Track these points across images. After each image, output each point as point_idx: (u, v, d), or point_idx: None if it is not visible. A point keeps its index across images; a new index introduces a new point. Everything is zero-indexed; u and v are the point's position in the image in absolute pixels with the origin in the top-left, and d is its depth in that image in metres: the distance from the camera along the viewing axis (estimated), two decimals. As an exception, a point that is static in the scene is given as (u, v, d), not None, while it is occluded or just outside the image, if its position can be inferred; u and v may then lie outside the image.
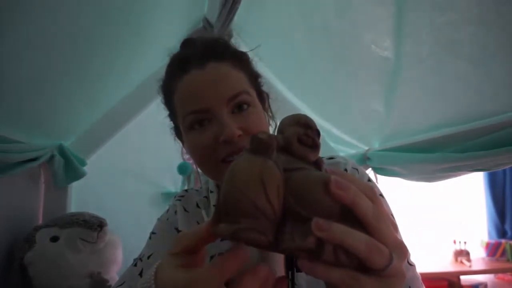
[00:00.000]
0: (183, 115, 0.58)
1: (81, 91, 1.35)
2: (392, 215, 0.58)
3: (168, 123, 0.72)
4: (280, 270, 0.33)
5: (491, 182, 3.07)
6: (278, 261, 0.39)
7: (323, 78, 1.55)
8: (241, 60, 0.62)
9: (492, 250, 2.81)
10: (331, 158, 0.65)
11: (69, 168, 1.48)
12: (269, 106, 0.70)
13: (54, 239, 1.29)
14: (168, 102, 0.65)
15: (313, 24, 1.35)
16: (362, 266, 0.26)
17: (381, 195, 0.59)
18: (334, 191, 0.26)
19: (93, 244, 1.30)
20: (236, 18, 1.41)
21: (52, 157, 1.42)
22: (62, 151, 1.46)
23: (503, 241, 2.82)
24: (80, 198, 1.61)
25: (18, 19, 0.90)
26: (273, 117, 0.72)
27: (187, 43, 0.67)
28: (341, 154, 1.81)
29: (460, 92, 1.09)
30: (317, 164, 0.31)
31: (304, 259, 0.26)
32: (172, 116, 0.66)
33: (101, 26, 1.17)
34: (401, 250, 0.29)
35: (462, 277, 2.48)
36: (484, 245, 2.87)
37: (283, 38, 1.50)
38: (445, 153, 1.17)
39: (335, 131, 1.73)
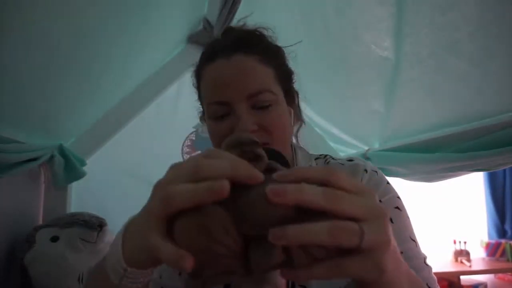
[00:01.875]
0: (206, 103, 0.59)
1: (81, 91, 1.35)
2: (408, 217, 0.58)
3: (168, 123, 0.73)
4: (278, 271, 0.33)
5: (491, 182, 3.07)
6: None
7: (323, 78, 1.55)
8: (273, 55, 0.61)
9: (492, 250, 2.81)
10: (350, 160, 0.64)
11: (69, 168, 1.48)
12: (299, 104, 0.69)
13: (54, 239, 1.29)
14: (197, 86, 0.66)
15: (313, 24, 1.35)
16: (341, 250, 0.26)
17: (398, 197, 0.59)
18: (273, 201, 0.26)
19: (93, 244, 1.30)
20: (236, 18, 1.41)
21: (52, 157, 1.42)
22: (62, 151, 1.46)
23: (503, 241, 2.82)
24: (80, 198, 1.61)
25: (19, 19, 0.90)
26: (301, 116, 0.71)
27: (225, 31, 0.67)
28: (341, 154, 1.81)
29: (460, 92, 1.09)
30: (271, 170, 0.31)
31: (282, 270, 0.27)
32: (200, 100, 0.66)
33: (101, 26, 1.17)
34: (377, 215, 0.28)
35: (462, 277, 2.48)
36: (484, 245, 2.87)
37: (283, 38, 1.50)
38: (445, 153, 1.17)
39: (335, 131, 1.73)
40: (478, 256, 2.80)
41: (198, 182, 0.28)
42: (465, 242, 2.69)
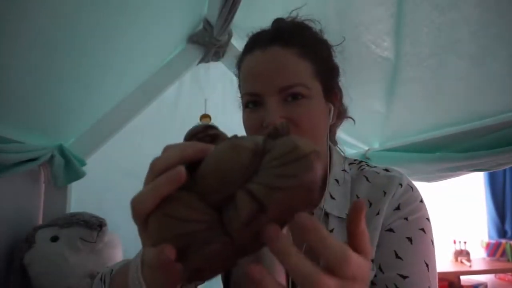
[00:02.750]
0: (242, 93, 0.60)
1: (81, 91, 1.34)
2: (432, 241, 0.57)
3: (168, 123, 0.73)
4: (278, 268, 0.32)
5: (491, 182, 3.07)
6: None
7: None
8: (313, 49, 0.59)
9: (492, 250, 2.81)
10: (386, 170, 0.63)
11: (69, 168, 1.47)
12: (341, 101, 0.69)
13: (54, 239, 1.29)
14: (238, 76, 0.66)
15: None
16: None
17: (427, 219, 0.58)
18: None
19: (93, 244, 1.30)
20: (236, 17, 1.41)
21: (52, 157, 1.42)
22: (62, 151, 1.46)
23: (503, 241, 2.82)
24: (80, 198, 1.61)
25: (18, 19, 0.90)
26: (344, 113, 0.71)
27: (273, 22, 0.67)
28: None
29: (460, 92, 1.09)
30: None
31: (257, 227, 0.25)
32: (239, 90, 0.67)
33: (100, 26, 1.16)
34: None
35: (462, 277, 2.48)
36: (484, 245, 2.87)
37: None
38: (445, 153, 1.17)
39: (335, 131, 1.73)
40: (478, 256, 2.80)
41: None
42: (465, 242, 2.69)
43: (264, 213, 0.24)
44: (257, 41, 0.59)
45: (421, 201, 0.60)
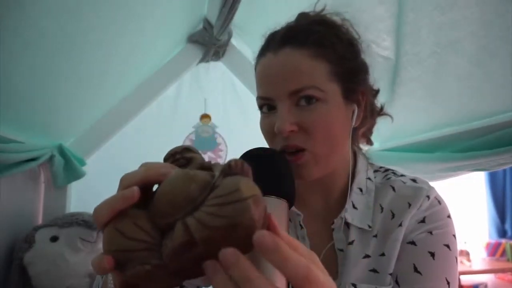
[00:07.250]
0: (256, 96, 0.58)
1: (81, 91, 1.35)
2: (456, 258, 0.55)
3: (168, 123, 0.72)
4: (277, 276, 0.31)
5: (491, 182, 3.07)
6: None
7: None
8: (330, 48, 0.55)
9: (492, 250, 2.81)
10: (413, 180, 0.61)
11: (69, 168, 1.48)
12: (371, 101, 0.64)
13: (54, 239, 1.29)
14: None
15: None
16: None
17: (453, 235, 0.57)
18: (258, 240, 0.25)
19: (92, 244, 1.30)
20: (236, 17, 1.41)
21: (51, 157, 1.42)
22: (61, 151, 1.46)
23: (503, 241, 2.82)
24: (80, 198, 1.61)
25: (18, 19, 0.90)
26: (377, 113, 0.67)
27: (297, 17, 0.64)
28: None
29: (460, 92, 1.09)
30: (204, 168, 0.32)
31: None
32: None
33: (100, 26, 1.17)
34: None
35: (462, 277, 2.48)
36: (485, 245, 2.87)
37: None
38: (445, 153, 1.17)
39: (335, 131, 1.73)
40: (478, 256, 2.80)
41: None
42: (465, 242, 2.69)
43: (195, 247, 0.26)
44: (270, 43, 0.57)
45: (449, 216, 0.58)
